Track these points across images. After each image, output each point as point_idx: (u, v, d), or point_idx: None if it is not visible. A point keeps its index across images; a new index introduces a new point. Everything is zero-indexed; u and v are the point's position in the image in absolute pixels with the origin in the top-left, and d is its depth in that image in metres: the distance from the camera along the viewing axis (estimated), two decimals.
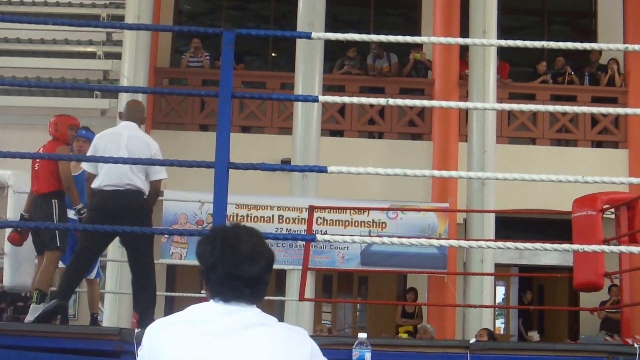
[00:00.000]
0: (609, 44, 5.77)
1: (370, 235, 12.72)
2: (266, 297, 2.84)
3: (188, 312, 2.69)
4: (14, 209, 9.67)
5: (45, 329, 5.70)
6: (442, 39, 10.10)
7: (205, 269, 2.68)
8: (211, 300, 2.69)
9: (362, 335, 4.64)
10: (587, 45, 5.71)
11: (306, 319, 12.69)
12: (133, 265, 6.96)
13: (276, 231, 12.68)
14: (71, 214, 7.82)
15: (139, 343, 2.86)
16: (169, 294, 13.70)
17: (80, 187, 7.65)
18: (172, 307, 14.47)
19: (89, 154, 6.96)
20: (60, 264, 7.85)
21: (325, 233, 12.48)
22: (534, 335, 14.84)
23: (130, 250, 6.92)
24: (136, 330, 4.93)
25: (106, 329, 7.95)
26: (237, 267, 2.64)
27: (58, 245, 7.63)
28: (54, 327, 6.19)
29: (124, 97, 13.43)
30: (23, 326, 6.41)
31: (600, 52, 16.05)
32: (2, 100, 15.38)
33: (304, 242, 10.13)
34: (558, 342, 12.26)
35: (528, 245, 5.22)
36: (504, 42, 5.61)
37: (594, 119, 15.62)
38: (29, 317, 7.29)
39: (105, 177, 6.79)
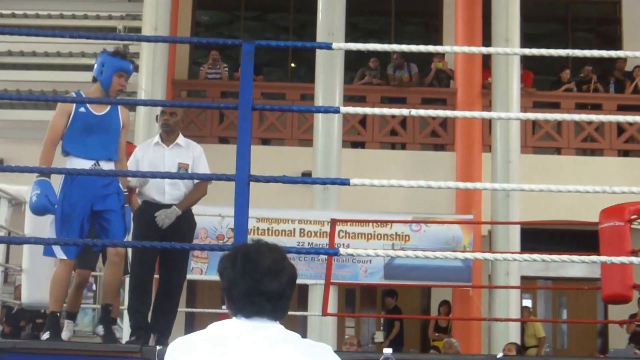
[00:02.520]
0: (634, 52, 5.62)
1: (393, 249, 12.57)
2: (289, 313, 2.78)
3: (210, 330, 2.63)
4: (31, 225, 9.47)
5: (64, 347, 5.63)
6: (465, 48, 10.00)
7: (227, 286, 2.65)
8: (233, 318, 2.64)
9: (387, 351, 4.49)
10: (612, 53, 5.58)
11: (329, 334, 12.54)
12: (171, 283, 6.81)
13: (298, 245, 12.55)
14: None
15: None
16: (190, 309, 13.53)
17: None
18: (192, 323, 14.34)
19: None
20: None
21: (348, 246, 12.31)
22: (380, 335, 14.55)
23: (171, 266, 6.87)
24: (157, 348, 4.86)
25: (127, 346, 7.84)
26: (258, 282, 2.60)
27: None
28: (73, 345, 6.09)
29: (142, 110, 13.39)
30: (42, 344, 6.32)
31: (625, 59, 15.86)
32: (18, 114, 15.39)
33: (326, 256, 10.01)
34: (587, 357, 12.09)
35: (554, 257, 5.07)
36: (527, 51, 5.48)
37: (620, 128, 15.40)
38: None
39: None
